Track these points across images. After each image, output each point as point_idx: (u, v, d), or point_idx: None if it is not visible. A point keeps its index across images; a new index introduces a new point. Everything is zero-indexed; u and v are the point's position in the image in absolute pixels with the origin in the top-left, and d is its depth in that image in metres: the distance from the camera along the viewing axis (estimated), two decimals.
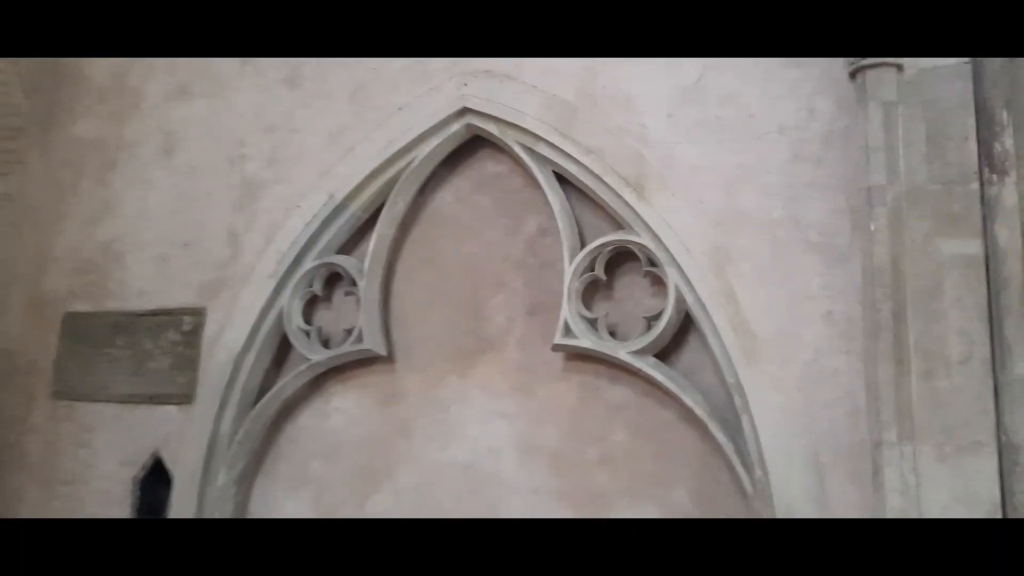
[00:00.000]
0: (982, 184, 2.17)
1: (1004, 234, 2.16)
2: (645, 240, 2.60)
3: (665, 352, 2.61)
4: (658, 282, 2.66)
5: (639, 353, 2.58)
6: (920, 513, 2.05)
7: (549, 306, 2.85)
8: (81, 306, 3.55)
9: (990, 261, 2.14)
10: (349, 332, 3.12)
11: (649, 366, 2.56)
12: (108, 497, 3.31)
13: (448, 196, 3.13)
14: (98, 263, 3.55)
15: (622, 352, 2.59)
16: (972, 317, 2.11)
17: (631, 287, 2.74)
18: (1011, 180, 2.18)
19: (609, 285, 2.76)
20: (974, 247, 2.14)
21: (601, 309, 2.74)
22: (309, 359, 3.14)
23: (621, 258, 2.73)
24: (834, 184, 2.37)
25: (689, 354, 2.60)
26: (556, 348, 2.74)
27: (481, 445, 2.90)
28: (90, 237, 3.59)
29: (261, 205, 3.33)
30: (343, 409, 3.19)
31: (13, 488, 3.49)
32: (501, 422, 2.88)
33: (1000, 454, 2.05)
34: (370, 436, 3.11)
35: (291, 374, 3.17)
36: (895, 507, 2.07)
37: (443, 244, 3.11)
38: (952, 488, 2.05)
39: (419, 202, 3.15)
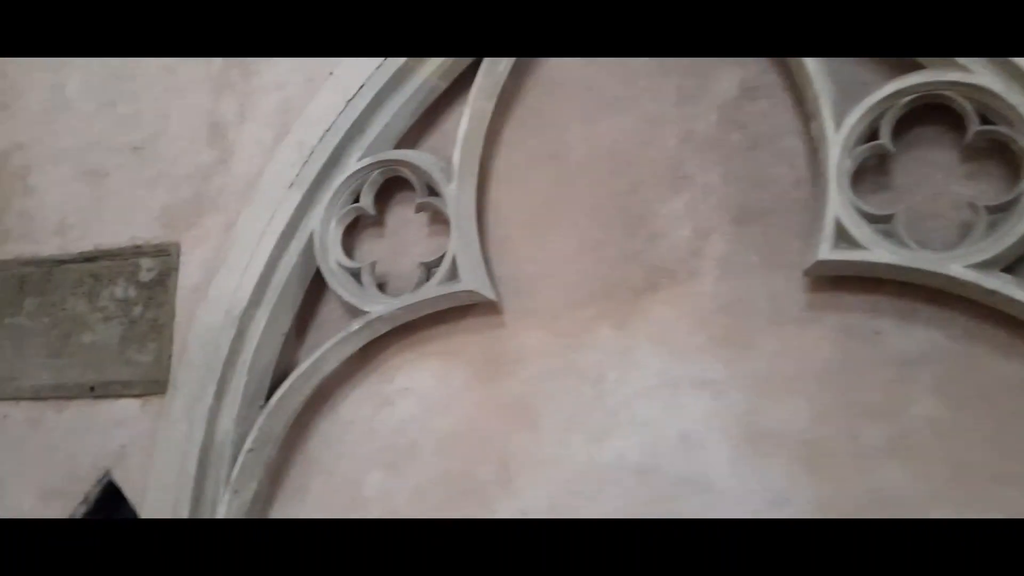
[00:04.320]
0: None
1: None
2: (984, 79, 1.56)
3: (1012, 268, 1.59)
4: (985, 152, 1.63)
5: (982, 267, 1.54)
6: None
7: (770, 208, 1.80)
8: None
9: None
10: (429, 268, 1.97)
11: (1008, 286, 1.53)
12: None
13: None
14: None
15: (955, 266, 1.55)
16: None
17: (925, 164, 1.70)
18: None
19: (880, 168, 1.72)
20: None
21: (878, 204, 1.69)
22: (364, 312, 1.97)
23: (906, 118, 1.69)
24: None
25: None
26: (814, 271, 1.68)
27: (665, 433, 1.82)
28: None
29: (261, 79, 2.15)
30: (417, 389, 2.04)
31: None
32: (699, 395, 1.80)
33: None
34: (467, 429, 1.98)
35: (333, 339, 2.00)
36: None
37: (571, 124, 2.00)
38: None
39: (525, 61, 2.02)
